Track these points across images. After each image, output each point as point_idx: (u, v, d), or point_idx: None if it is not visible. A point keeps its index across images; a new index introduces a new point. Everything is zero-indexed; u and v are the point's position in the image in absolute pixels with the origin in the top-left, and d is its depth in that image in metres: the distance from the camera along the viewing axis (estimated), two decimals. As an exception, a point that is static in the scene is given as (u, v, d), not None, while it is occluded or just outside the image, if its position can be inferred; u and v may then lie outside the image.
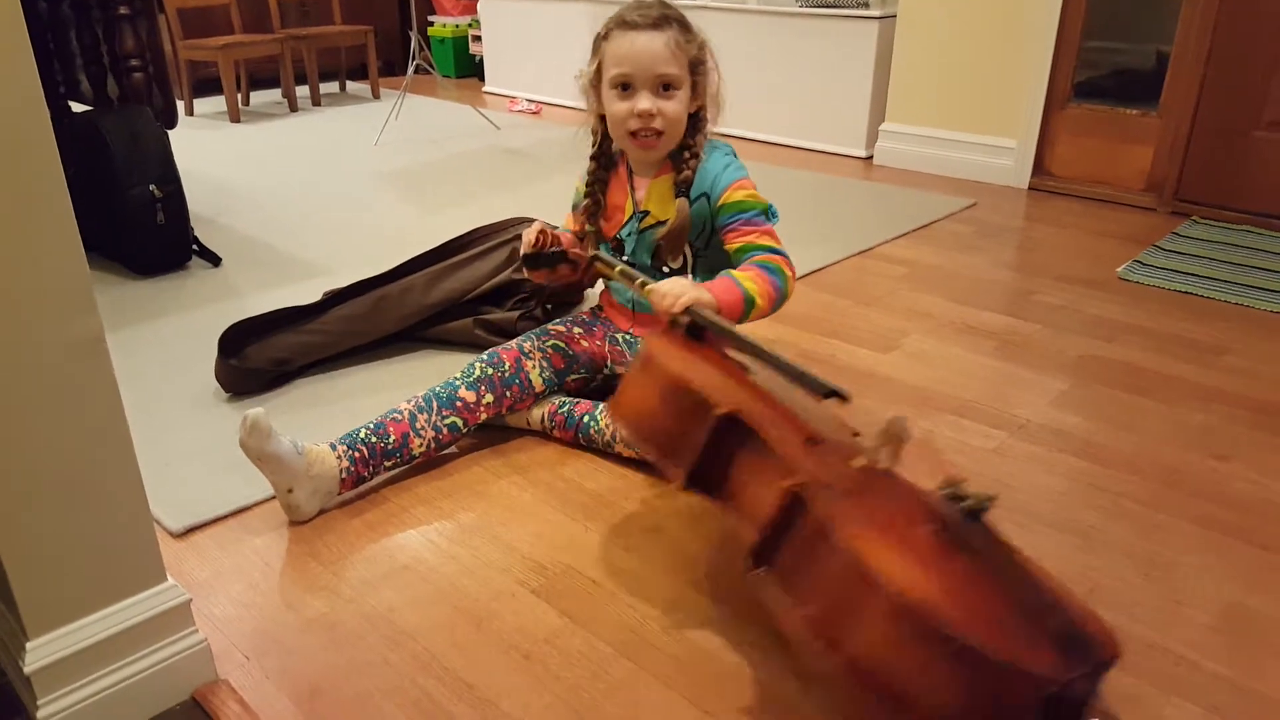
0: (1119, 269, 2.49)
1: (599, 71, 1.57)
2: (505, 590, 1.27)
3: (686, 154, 1.59)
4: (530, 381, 1.61)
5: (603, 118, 1.61)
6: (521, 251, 1.61)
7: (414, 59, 4.35)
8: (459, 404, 1.55)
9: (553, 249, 1.60)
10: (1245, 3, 2.76)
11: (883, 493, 1.03)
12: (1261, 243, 2.70)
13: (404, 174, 3.54)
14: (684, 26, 1.55)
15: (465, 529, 1.40)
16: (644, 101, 1.52)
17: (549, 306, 1.98)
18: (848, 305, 2.25)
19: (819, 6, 3.72)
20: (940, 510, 0.97)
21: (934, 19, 3.38)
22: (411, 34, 4.43)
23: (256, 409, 1.34)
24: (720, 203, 1.57)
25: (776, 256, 1.52)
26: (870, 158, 3.74)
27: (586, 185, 1.68)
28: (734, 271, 1.50)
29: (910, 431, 1.07)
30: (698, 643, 1.18)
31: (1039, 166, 3.31)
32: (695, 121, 1.60)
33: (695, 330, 1.36)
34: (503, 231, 2.08)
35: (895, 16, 3.50)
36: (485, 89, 5.41)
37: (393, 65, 5.85)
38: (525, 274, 1.71)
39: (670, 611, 1.23)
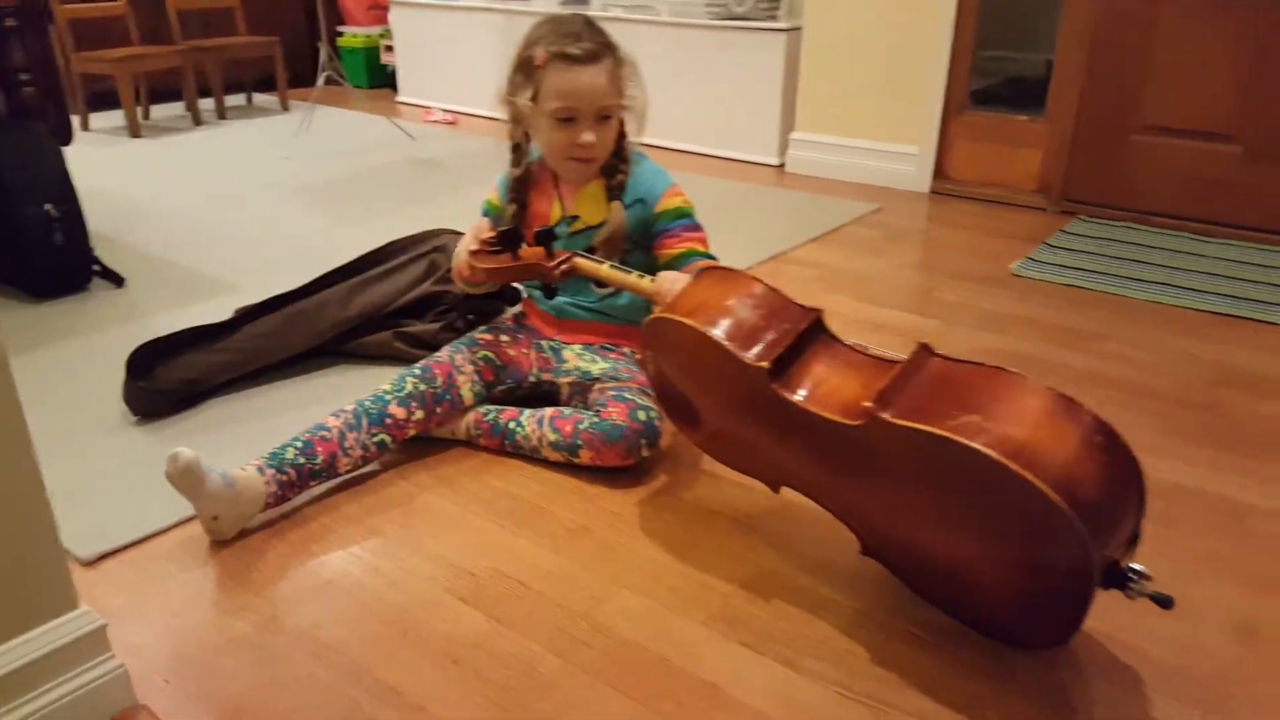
0: (1012, 266, 2.62)
1: (535, 98, 1.57)
2: (432, 599, 1.28)
3: (616, 160, 1.63)
4: (461, 396, 1.63)
5: (525, 132, 1.64)
6: (471, 245, 1.59)
7: (324, 70, 4.30)
8: (389, 420, 1.55)
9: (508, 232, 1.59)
10: (1119, 14, 2.94)
11: None
12: (1140, 238, 2.87)
13: (316, 187, 3.50)
14: (615, 52, 1.58)
15: (391, 542, 1.41)
16: (588, 135, 1.56)
17: (471, 317, 1.99)
18: (760, 308, 2.31)
19: (728, 19, 3.81)
20: None
21: (837, 32, 3.50)
22: (320, 45, 4.38)
23: (186, 451, 1.32)
24: (658, 209, 1.63)
25: (714, 262, 1.58)
26: (782, 165, 3.84)
27: (511, 193, 1.70)
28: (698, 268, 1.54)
29: None
30: (625, 636, 1.21)
31: (939, 171, 3.45)
32: (620, 131, 1.64)
33: None
34: (421, 244, 2.09)
35: (801, 29, 3.61)
36: (399, 99, 5.36)
37: (302, 76, 5.74)
38: (466, 278, 1.65)
39: (597, 608, 1.26)
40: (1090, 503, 1.00)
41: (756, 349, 1.23)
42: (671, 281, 1.42)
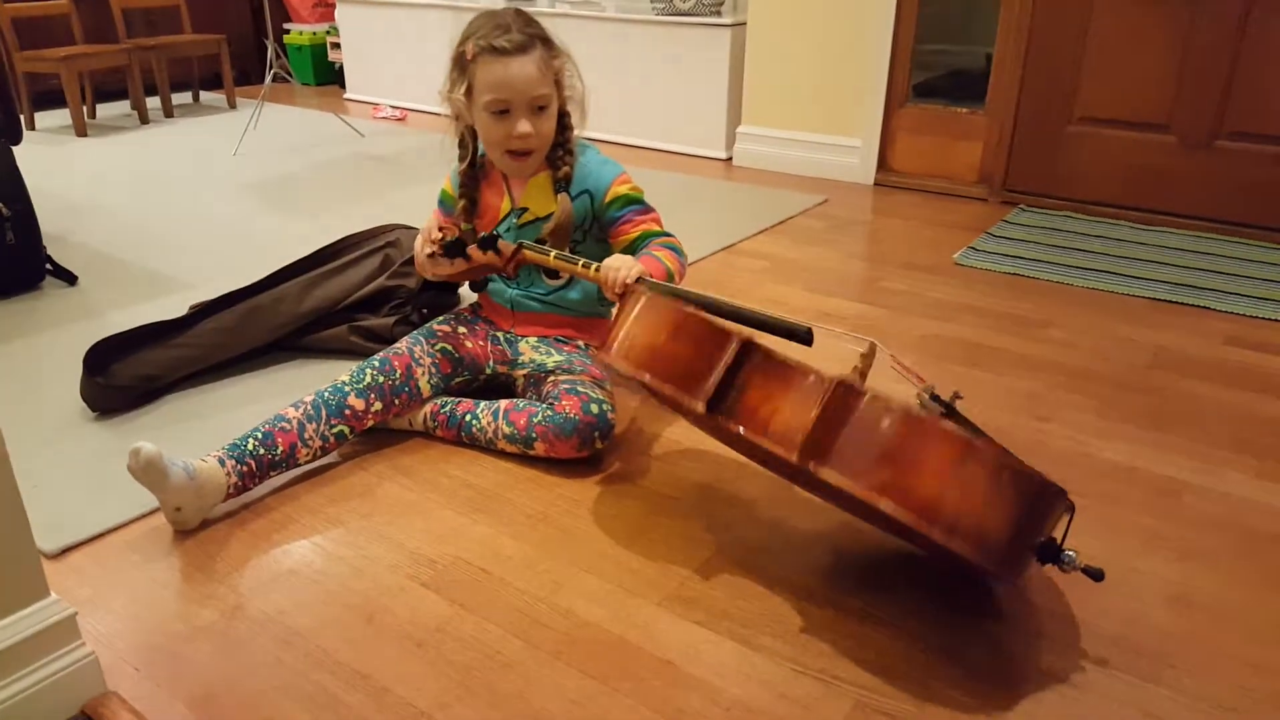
0: (955, 255, 2.70)
1: (469, 92, 1.60)
2: (395, 585, 1.31)
3: (560, 152, 1.66)
4: (419, 388, 1.65)
5: (471, 128, 1.67)
6: (424, 249, 1.61)
7: (271, 67, 4.27)
8: (347, 412, 1.57)
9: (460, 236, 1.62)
10: (1055, 7, 3.03)
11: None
12: (1079, 226, 2.97)
13: (266, 184, 3.48)
14: (546, 42, 1.60)
15: (352, 531, 1.44)
16: (523, 125, 1.58)
17: (425, 311, 2.01)
18: (712, 299, 2.36)
19: (673, 15, 3.85)
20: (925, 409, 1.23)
21: (781, 27, 3.56)
22: (267, 42, 4.34)
23: (148, 446, 1.33)
24: (608, 198, 1.66)
25: (673, 238, 1.64)
26: (730, 159, 3.89)
27: (460, 187, 1.73)
28: (652, 250, 1.58)
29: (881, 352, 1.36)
30: (584, 617, 1.25)
31: (882, 163, 3.53)
32: (562, 121, 1.66)
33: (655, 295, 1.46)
34: (375, 238, 2.11)
35: (745, 25, 3.67)
36: (347, 96, 5.33)
37: (248, 74, 5.69)
38: (430, 272, 1.67)
39: (557, 591, 1.30)
40: (1003, 542, 1.07)
41: (691, 386, 1.25)
42: (614, 268, 1.45)
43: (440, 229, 1.63)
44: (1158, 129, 2.97)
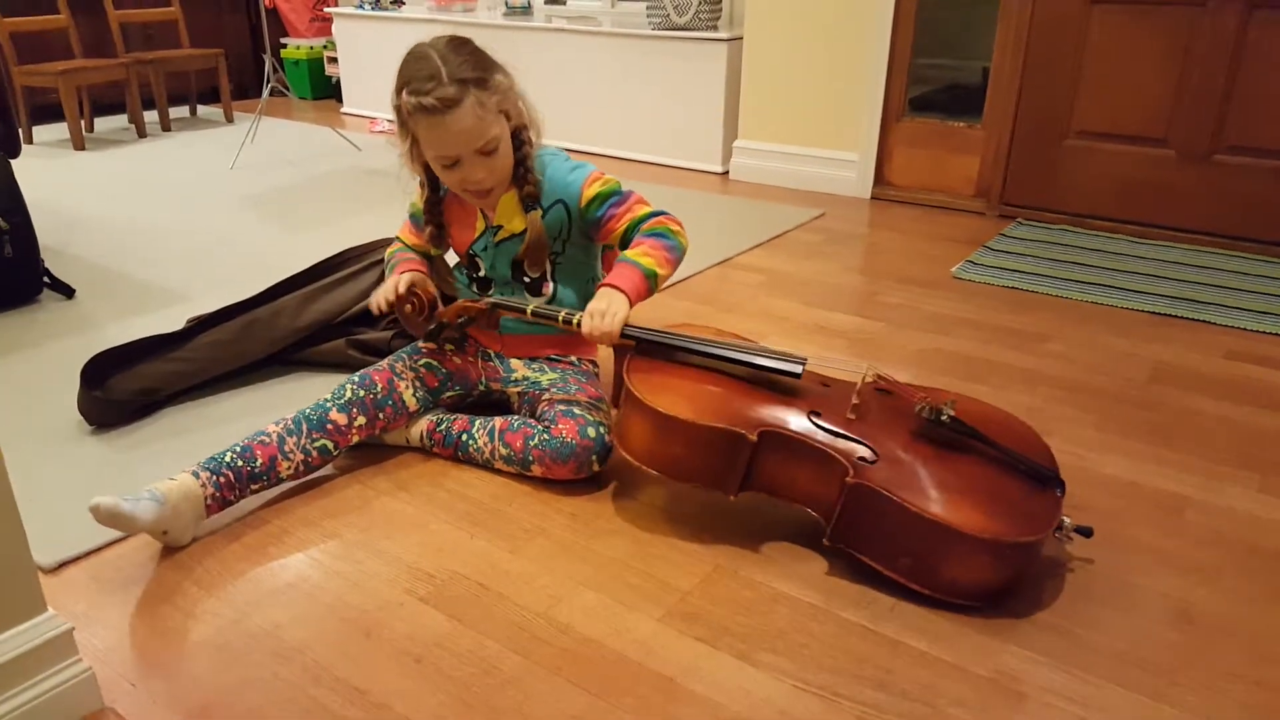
0: (953, 269, 2.71)
1: (415, 144, 1.57)
2: (393, 600, 1.30)
3: (522, 169, 1.61)
4: (404, 401, 1.64)
5: (427, 165, 1.62)
6: (390, 304, 1.64)
7: (269, 81, 4.28)
8: (330, 427, 1.55)
9: (432, 317, 1.66)
10: (1053, 22, 3.05)
11: (894, 446, 1.38)
12: (1078, 240, 2.98)
13: (263, 197, 3.48)
14: (480, 83, 1.49)
15: (349, 545, 1.43)
16: (475, 173, 1.54)
17: (422, 325, 2.01)
18: (710, 312, 2.36)
19: (670, 30, 3.87)
20: (926, 429, 1.40)
21: (777, 41, 3.57)
22: (265, 56, 4.35)
23: (103, 500, 1.30)
24: (584, 203, 1.62)
25: (659, 219, 1.59)
26: (726, 173, 3.90)
27: (425, 214, 1.71)
28: (627, 254, 1.56)
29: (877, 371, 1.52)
30: (583, 632, 1.24)
31: (879, 177, 3.54)
32: (518, 139, 1.60)
33: (644, 346, 1.50)
34: (374, 252, 2.11)
35: (742, 39, 3.68)
36: (344, 110, 5.34)
37: (246, 88, 5.70)
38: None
39: (555, 606, 1.29)
40: (1003, 584, 1.30)
41: (717, 484, 1.40)
42: (596, 325, 1.48)
43: (409, 299, 1.64)
44: (1155, 143, 2.98)
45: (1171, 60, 2.89)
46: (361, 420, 1.59)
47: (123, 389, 1.77)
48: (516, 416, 1.66)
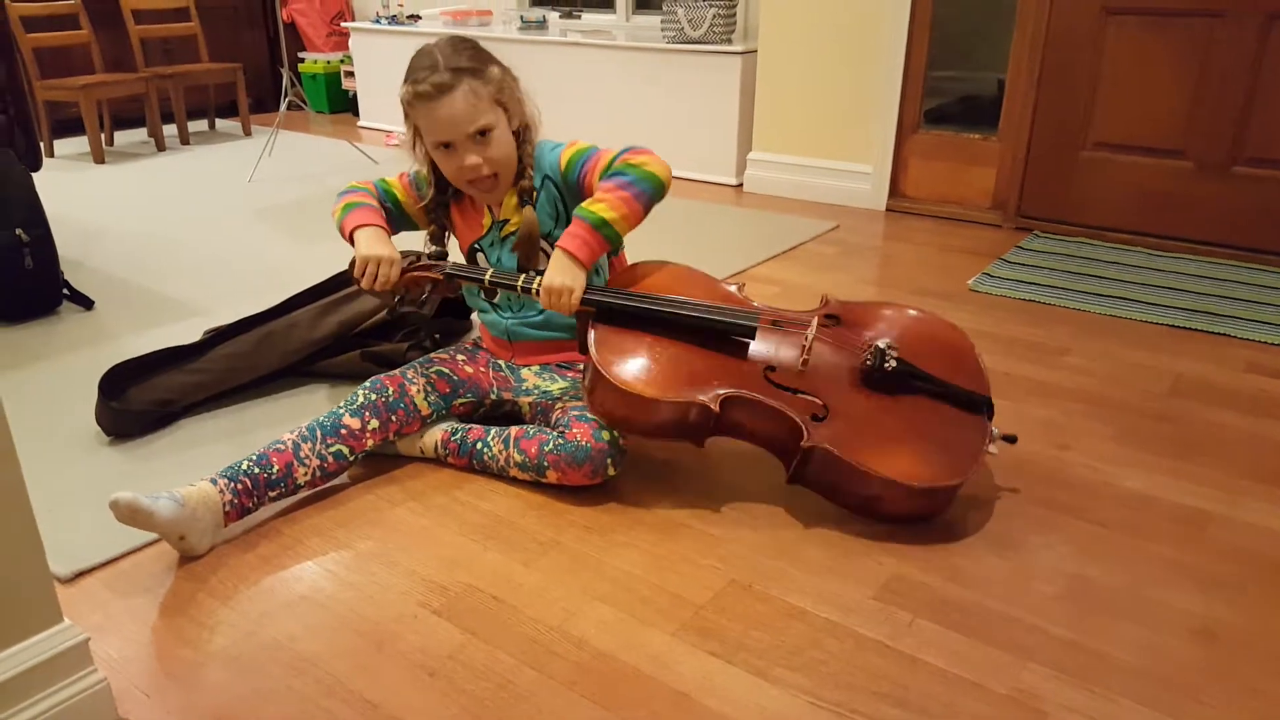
0: (969, 281, 2.69)
1: (418, 134, 1.62)
2: (406, 612, 1.30)
3: (521, 166, 1.65)
4: (415, 405, 1.65)
5: (435, 166, 1.66)
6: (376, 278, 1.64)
7: (286, 95, 4.31)
8: (344, 431, 1.57)
9: (403, 298, 1.68)
10: (1068, 33, 3.04)
11: (842, 398, 1.51)
12: (1095, 252, 2.96)
13: (280, 210, 3.51)
14: (475, 72, 1.56)
15: (363, 556, 1.43)
16: (470, 158, 1.58)
17: (438, 336, 2.02)
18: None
19: (684, 43, 3.88)
20: (871, 373, 1.52)
21: (792, 54, 3.58)
22: (282, 70, 4.39)
23: (123, 495, 1.32)
24: (563, 169, 1.64)
25: (623, 156, 1.58)
26: (740, 185, 3.90)
27: (429, 214, 1.73)
28: (580, 206, 1.55)
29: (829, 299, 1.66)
30: (597, 647, 1.24)
31: (894, 189, 3.53)
32: (520, 138, 1.65)
33: (604, 313, 1.54)
34: (387, 265, 2.11)
35: (756, 52, 3.68)
36: (360, 124, 5.38)
37: (264, 102, 5.75)
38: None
39: (569, 620, 1.29)
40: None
41: (687, 437, 1.55)
42: (553, 291, 1.51)
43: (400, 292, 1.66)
44: (1173, 154, 2.96)
45: (1188, 71, 2.87)
46: (375, 424, 1.59)
47: (140, 400, 1.78)
48: (531, 425, 1.66)
